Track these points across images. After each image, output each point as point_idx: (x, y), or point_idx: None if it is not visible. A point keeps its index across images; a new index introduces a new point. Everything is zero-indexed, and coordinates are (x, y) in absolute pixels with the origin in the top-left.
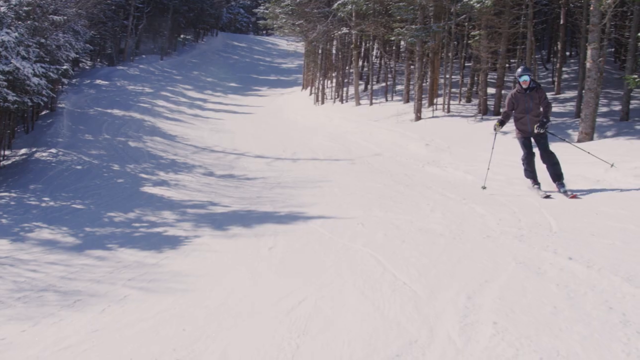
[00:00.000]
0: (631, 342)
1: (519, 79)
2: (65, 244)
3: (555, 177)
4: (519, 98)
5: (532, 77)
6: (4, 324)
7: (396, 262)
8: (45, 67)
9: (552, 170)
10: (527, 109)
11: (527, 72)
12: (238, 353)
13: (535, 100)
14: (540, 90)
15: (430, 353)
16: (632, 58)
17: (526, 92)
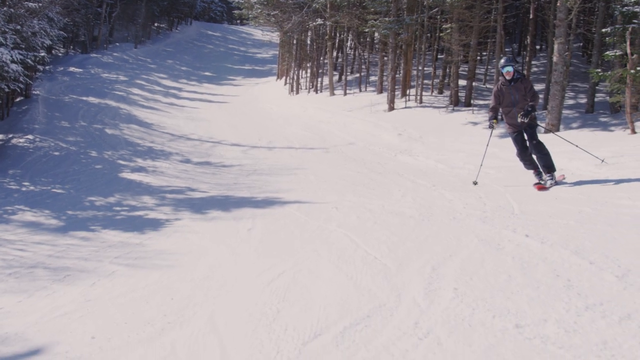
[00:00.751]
0: (572, 301)
1: (502, 70)
2: (49, 226)
3: (546, 169)
4: (504, 91)
5: (516, 68)
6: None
7: (368, 241)
8: (23, 54)
9: (542, 162)
10: (513, 102)
11: (510, 62)
12: (224, 317)
13: (521, 91)
14: (525, 81)
15: (398, 314)
16: (597, 53)
17: (510, 84)
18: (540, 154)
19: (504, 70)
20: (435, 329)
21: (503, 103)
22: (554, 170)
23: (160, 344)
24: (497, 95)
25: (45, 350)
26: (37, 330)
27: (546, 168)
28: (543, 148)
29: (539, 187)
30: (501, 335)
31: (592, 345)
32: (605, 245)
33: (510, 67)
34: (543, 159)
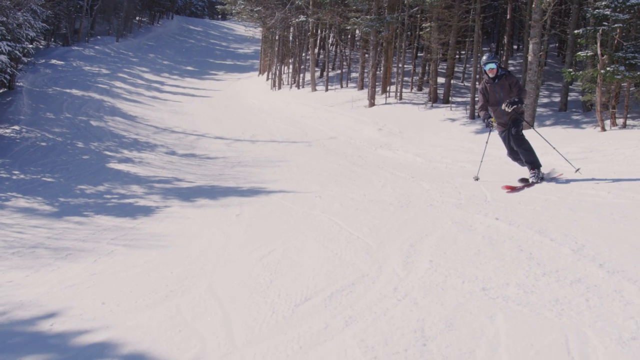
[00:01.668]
0: (532, 269)
1: (485, 68)
2: (43, 212)
3: (529, 165)
4: (488, 89)
5: (499, 64)
6: (6, 272)
7: (351, 223)
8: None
9: (524, 157)
10: (498, 100)
11: (493, 58)
12: (221, 286)
13: (506, 89)
14: (510, 77)
15: (379, 282)
16: (570, 53)
17: (494, 81)
18: (521, 148)
19: (487, 67)
20: (412, 293)
21: (489, 101)
22: (538, 166)
23: (166, 307)
24: (483, 93)
25: (61, 313)
26: (50, 298)
27: (529, 164)
28: (524, 142)
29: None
30: (469, 296)
31: (546, 302)
32: (565, 226)
33: (494, 64)
34: (524, 154)
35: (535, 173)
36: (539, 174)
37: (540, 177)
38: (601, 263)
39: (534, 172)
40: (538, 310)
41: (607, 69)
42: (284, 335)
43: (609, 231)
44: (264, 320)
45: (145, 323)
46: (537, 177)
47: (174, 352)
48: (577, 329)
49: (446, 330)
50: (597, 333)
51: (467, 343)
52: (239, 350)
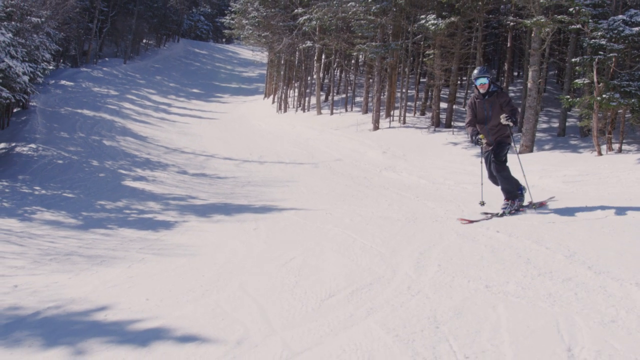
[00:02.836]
0: (529, 271)
1: (476, 82)
2: (69, 224)
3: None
4: (477, 105)
5: (491, 80)
6: (49, 274)
7: (363, 236)
8: (32, 67)
9: (501, 185)
10: (486, 118)
11: (484, 73)
12: (251, 286)
13: (496, 107)
14: (502, 95)
15: (394, 282)
16: (568, 80)
17: (485, 97)
18: (499, 174)
19: (478, 82)
20: (424, 290)
21: (477, 117)
22: (513, 197)
23: (205, 302)
24: (472, 108)
25: (111, 307)
26: (97, 295)
27: (505, 192)
28: (504, 169)
29: (463, 220)
30: (474, 292)
31: (541, 295)
32: (560, 237)
33: (485, 79)
34: (502, 181)
35: (508, 204)
36: (514, 205)
37: (515, 208)
38: (590, 266)
39: (507, 203)
40: (534, 301)
41: (603, 96)
42: (315, 322)
43: (599, 241)
44: (295, 311)
45: (189, 314)
46: (510, 208)
47: (221, 335)
48: (566, 315)
49: (455, 317)
50: (583, 318)
51: (474, 326)
52: (278, 333)
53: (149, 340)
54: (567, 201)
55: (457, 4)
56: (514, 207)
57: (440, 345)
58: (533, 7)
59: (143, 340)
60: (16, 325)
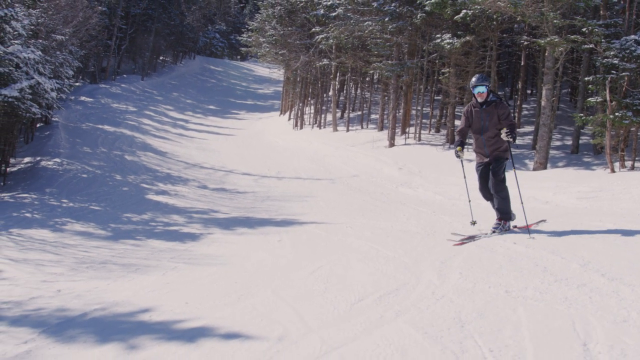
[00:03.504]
0: (546, 278)
1: (473, 91)
2: (100, 235)
3: (498, 213)
4: (474, 114)
5: (490, 89)
6: (88, 280)
7: (385, 247)
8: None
9: (497, 204)
10: (482, 128)
11: (483, 81)
12: (283, 292)
13: (494, 118)
14: (501, 106)
15: (419, 288)
16: (581, 99)
17: (482, 106)
18: (498, 195)
19: (476, 90)
20: (448, 295)
21: (472, 127)
22: (507, 218)
23: (243, 305)
24: (467, 116)
25: (153, 309)
26: (138, 299)
27: (499, 212)
28: (503, 190)
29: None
30: (495, 296)
31: (557, 299)
32: (574, 248)
33: (483, 88)
34: (499, 202)
35: (500, 225)
36: (506, 226)
37: (506, 228)
38: (603, 273)
39: (499, 223)
40: (551, 304)
41: (616, 114)
42: (348, 322)
43: (612, 252)
44: (328, 313)
45: (229, 316)
46: (502, 229)
47: (262, 333)
48: (581, 316)
49: (478, 318)
50: (597, 318)
51: (496, 325)
52: (315, 331)
53: (195, 337)
54: (582, 216)
55: (472, 23)
56: (505, 228)
57: (466, 340)
58: (547, 27)
59: (190, 337)
60: (67, 324)
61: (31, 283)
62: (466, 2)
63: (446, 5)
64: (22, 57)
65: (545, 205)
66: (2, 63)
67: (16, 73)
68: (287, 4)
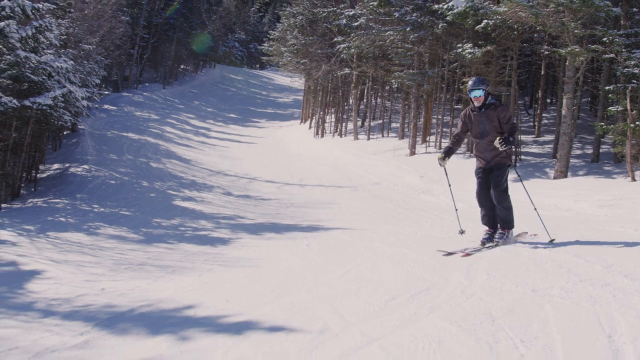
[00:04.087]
0: (570, 279)
1: (470, 95)
2: (133, 239)
3: (502, 223)
4: (473, 118)
5: (488, 91)
6: (129, 280)
7: (412, 251)
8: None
9: (501, 214)
10: (482, 133)
11: (479, 85)
12: (318, 292)
13: (494, 121)
14: (502, 108)
15: (448, 287)
16: (602, 108)
17: (481, 110)
18: (501, 205)
19: (472, 94)
20: (477, 293)
21: (472, 132)
22: (511, 227)
23: (281, 303)
24: (464, 121)
25: (196, 306)
26: (180, 297)
27: (502, 222)
28: (505, 200)
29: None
30: (522, 295)
31: (583, 298)
32: (598, 252)
33: (480, 91)
34: (502, 211)
35: (504, 234)
36: (509, 234)
37: (509, 237)
38: (626, 274)
39: (503, 232)
40: (577, 302)
41: (637, 123)
42: (384, 317)
43: (634, 254)
44: (364, 310)
45: (270, 312)
46: (505, 239)
47: (304, 327)
48: (606, 312)
49: (508, 313)
50: (621, 314)
51: (525, 320)
52: (354, 325)
53: (241, 330)
54: (603, 223)
55: (493, 33)
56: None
57: (498, 333)
58: (567, 36)
59: (236, 330)
60: (117, 319)
61: (75, 282)
62: (487, 13)
63: (468, 15)
64: (55, 66)
65: (566, 212)
66: (36, 72)
67: (49, 82)
68: (309, 13)
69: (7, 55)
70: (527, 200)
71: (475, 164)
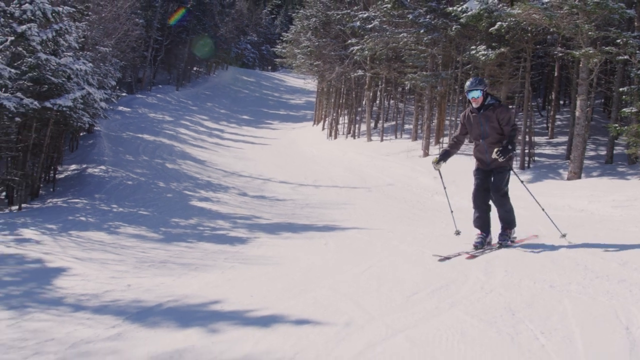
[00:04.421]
0: (587, 275)
1: (468, 96)
2: (153, 238)
3: (504, 224)
4: (472, 120)
5: (486, 91)
6: (153, 277)
7: (430, 249)
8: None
9: (501, 216)
10: (482, 134)
11: (477, 85)
12: (340, 288)
13: (493, 122)
14: (501, 109)
15: (468, 283)
16: (616, 109)
17: (480, 111)
18: (502, 209)
19: (470, 95)
20: (496, 289)
21: (471, 134)
22: (513, 226)
23: (305, 298)
24: (463, 123)
25: (222, 301)
26: (205, 293)
27: (506, 223)
28: (506, 203)
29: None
30: (541, 290)
31: (600, 292)
32: (612, 250)
33: (478, 92)
34: (503, 214)
35: (507, 234)
36: (511, 234)
37: (511, 237)
38: None
39: (505, 233)
40: (594, 296)
41: None
42: (407, 311)
43: None
44: (386, 304)
45: (295, 306)
46: (509, 239)
47: (330, 320)
48: (623, 306)
49: (527, 307)
50: (638, 308)
51: (545, 313)
52: (378, 319)
53: (268, 323)
54: (617, 223)
55: (506, 35)
56: (511, 236)
57: (518, 325)
58: (581, 38)
59: (264, 323)
60: (146, 313)
61: (101, 279)
62: (501, 15)
63: (482, 18)
64: (74, 68)
65: (580, 213)
66: (56, 74)
67: (68, 84)
68: (322, 16)
69: (28, 57)
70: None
71: (475, 164)
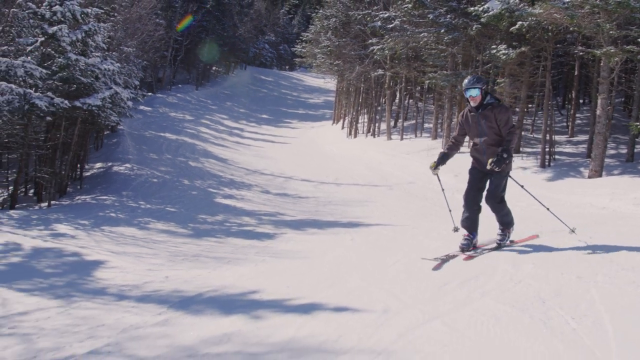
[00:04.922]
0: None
1: (465, 94)
2: (182, 233)
3: (501, 225)
4: (470, 120)
5: (485, 90)
6: (189, 270)
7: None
8: (134, 93)
9: (500, 219)
10: (480, 134)
11: (475, 83)
12: (371, 279)
13: (491, 122)
14: (500, 109)
15: (496, 275)
16: (637, 108)
17: (478, 110)
18: (498, 214)
19: (468, 94)
20: (524, 280)
21: (470, 134)
22: (510, 226)
23: (339, 289)
24: (461, 124)
25: (259, 291)
26: (242, 284)
27: (503, 224)
28: (503, 208)
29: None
30: (568, 281)
31: (625, 282)
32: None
33: (476, 91)
34: (502, 217)
35: (506, 234)
36: (509, 234)
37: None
38: None
39: (503, 233)
40: (620, 287)
41: None
42: (439, 300)
43: None
44: (419, 294)
45: (331, 296)
46: (507, 239)
47: (367, 307)
48: None
49: (556, 296)
50: None
51: (574, 301)
52: (412, 307)
53: (308, 310)
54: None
55: (527, 34)
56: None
57: (549, 311)
58: (602, 37)
59: (304, 310)
60: (188, 302)
61: (139, 271)
62: (522, 14)
63: (503, 17)
64: (102, 68)
65: (602, 210)
66: (85, 74)
67: (96, 83)
68: (342, 16)
69: (58, 58)
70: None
71: (471, 163)
